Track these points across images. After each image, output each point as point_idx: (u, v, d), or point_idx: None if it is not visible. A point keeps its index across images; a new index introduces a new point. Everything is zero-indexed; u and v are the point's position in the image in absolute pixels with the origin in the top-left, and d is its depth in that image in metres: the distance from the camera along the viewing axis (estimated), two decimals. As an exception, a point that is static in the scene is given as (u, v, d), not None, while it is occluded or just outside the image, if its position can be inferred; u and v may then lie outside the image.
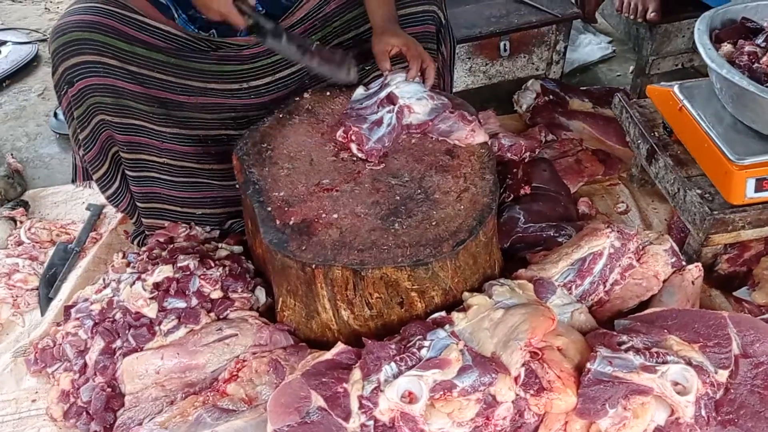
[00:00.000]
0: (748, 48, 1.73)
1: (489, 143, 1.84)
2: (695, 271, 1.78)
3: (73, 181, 2.05)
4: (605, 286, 1.77)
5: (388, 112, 1.80)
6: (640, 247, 1.81)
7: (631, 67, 2.86)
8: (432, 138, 1.82)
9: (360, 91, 1.88)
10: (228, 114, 1.92)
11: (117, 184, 1.96)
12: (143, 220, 2.04)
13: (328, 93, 1.96)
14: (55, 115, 2.72)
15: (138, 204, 2.01)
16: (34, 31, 3.38)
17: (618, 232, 1.81)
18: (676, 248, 1.82)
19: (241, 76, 1.89)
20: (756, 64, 1.69)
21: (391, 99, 1.81)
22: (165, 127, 1.88)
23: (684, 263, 1.81)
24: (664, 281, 1.78)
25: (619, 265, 1.78)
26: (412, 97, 1.81)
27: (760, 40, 1.75)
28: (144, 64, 1.78)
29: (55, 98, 2.81)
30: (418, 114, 1.81)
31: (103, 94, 1.78)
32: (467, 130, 1.80)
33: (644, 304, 1.77)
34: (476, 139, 1.80)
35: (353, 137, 1.76)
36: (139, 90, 1.80)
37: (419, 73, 1.84)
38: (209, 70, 1.85)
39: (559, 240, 1.96)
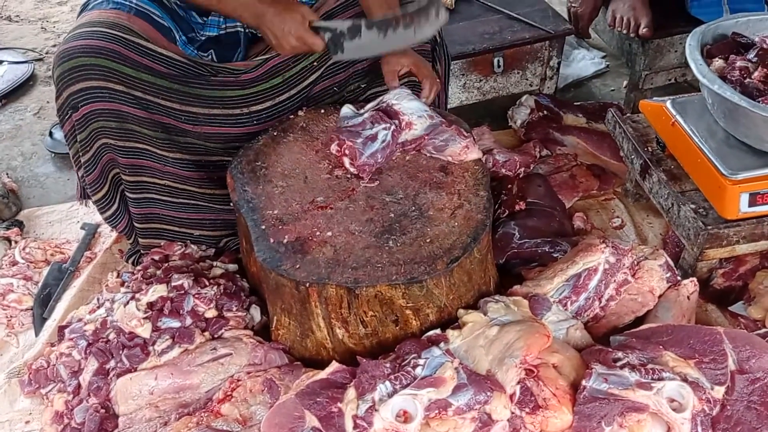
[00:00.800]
0: (739, 63, 1.75)
1: (483, 159, 1.85)
2: (690, 286, 1.78)
3: (80, 198, 2.05)
4: (600, 302, 1.77)
5: (384, 129, 1.80)
6: (635, 262, 1.81)
7: (625, 82, 2.87)
8: (426, 155, 1.83)
9: (347, 111, 1.87)
10: (231, 142, 1.91)
11: (116, 206, 1.96)
12: (140, 240, 2.03)
13: (322, 111, 1.97)
14: (51, 134, 2.72)
15: (136, 225, 2.00)
16: (30, 50, 3.39)
17: (613, 247, 1.81)
18: (671, 263, 1.82)
19: (242, 102, 1.89)
20: (747, 79, 1.70)
21: (389, 114, 1.82)
22: (168, 151, 1.88)
23: (679, 278, 1.80)
24: (660, 296, 1.78)
25: (614, 280, 1.78)
26: (413, 114, 1.83)
27: (751, 55, 1.76)
28: (149, 90, 1.78)
29: (51, 118, 2.87)
30: (415, 130, 1.82)
31: (107, 118, 1.77)
32: (461, 146, 1.80)
33: (640, 320, 1.76)
34: (470, 155, 1.81)
35: (347, 151, 1.76)
36: (143, 115, 1.80)
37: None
38: (211, 96, 1.85)
39: (555, 255, 1.96)
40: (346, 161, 1.76)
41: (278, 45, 1.75)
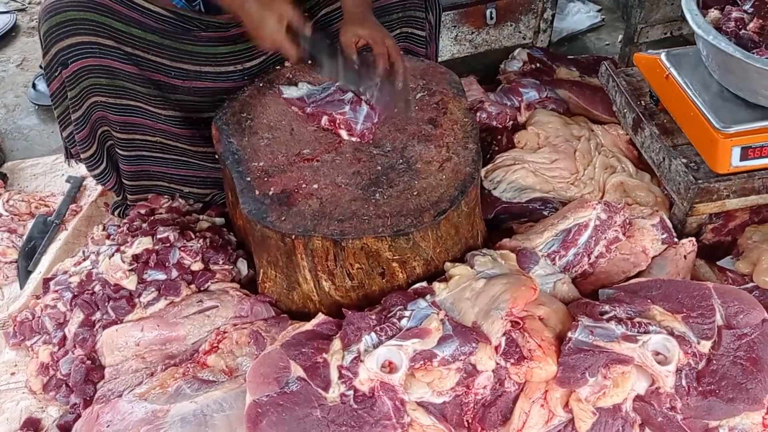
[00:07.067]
0: (735, 14, 1.71)
1: (473, 114, 1.82)
2: (689, 245, 1.77)
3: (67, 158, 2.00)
4: (590, 258, 1.76)
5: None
6: (628, 221, 1.80)
7: (620, 37, 2.82)
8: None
9: (307, 88, 1.83)
10: (222, 97, 1.87)
11: (104, 164, 1.93)
12: (129, 196, 2.01)
13: (309, 62, 1.92)
14: (34, 86, 2.67)
15: (126, 182, 1.98)
16: (12, 0, 3.30)
17: (605, 204, 1.79)
18: (669, 223, 1.80)
19: (234, 59, 1.86)
20: (743, 31, 1.67)
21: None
22: (161, 109, 1.85)
23: (676, 239, 1.79)
24: (656, 257, 1.76)
25: (605, 237, 1.77)
26: None
27: (747, 6, 1.72)
28: (139, 46, 1.74)
29: (34, 69, 2.81)
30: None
31: (98, 75, 1.74)
32: None
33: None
34: None
35: (341, 125, 1.72)
36: (134, 71, 1.76)
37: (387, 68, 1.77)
38: (201, 52, 1.82)
39: (545, 213, 1.94)
40: (344, 134, 1.72)
41: (254, 38, 1.72)
